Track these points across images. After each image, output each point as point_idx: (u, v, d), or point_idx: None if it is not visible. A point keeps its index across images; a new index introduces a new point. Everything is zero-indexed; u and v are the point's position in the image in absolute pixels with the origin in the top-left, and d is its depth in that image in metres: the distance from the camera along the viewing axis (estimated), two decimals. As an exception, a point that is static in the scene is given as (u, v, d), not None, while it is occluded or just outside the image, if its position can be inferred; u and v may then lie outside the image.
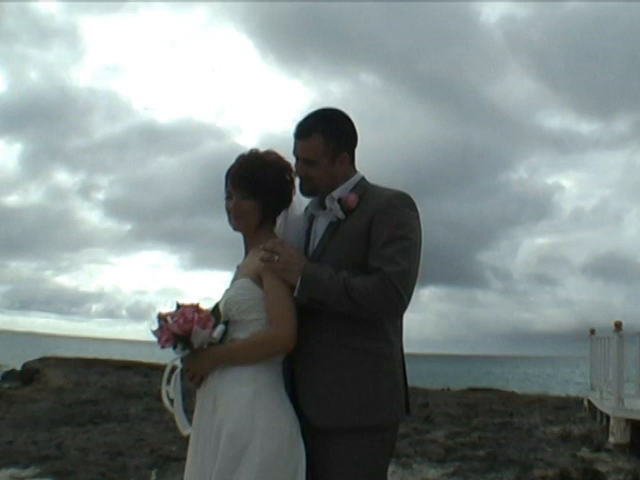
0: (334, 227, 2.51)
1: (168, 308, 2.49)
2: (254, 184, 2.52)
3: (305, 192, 2.59)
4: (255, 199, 2.53)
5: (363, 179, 2.61)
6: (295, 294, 2.39)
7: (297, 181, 2.59)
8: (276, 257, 2.41)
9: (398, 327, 2.55)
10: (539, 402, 17.08)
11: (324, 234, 2.53)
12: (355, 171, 2.62)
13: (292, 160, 2.59)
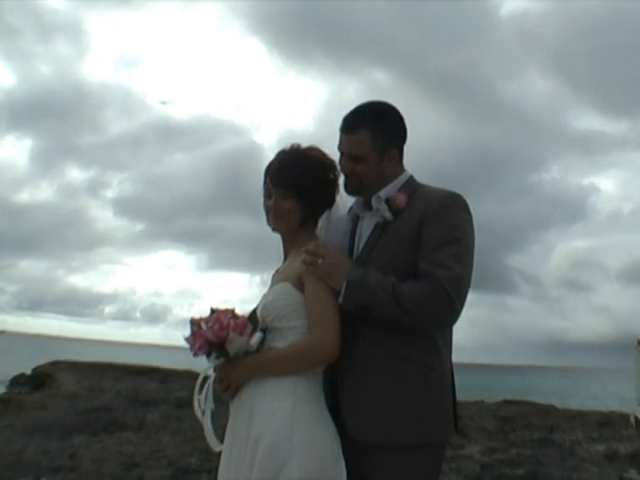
0: (381, 229, 2.47)
1: (186, 311, 2.46)
2: (295, 182, 2.49)
3: (350, 190, 2.56)
4: (296, 198, 2.50)
5: (412, 178, 2.58)
6: (340, 300, 2.36)
7: (341, 179, 2.56)
8: (320, 260, 2.38)
9: (447, 337, 2.52)
10: (580, 417, 16.82)
11: (370, 236, 2.50)
12: (403, 169, 2.58)
13: (336, 157, 2.56)
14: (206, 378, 2.53)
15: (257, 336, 2.41)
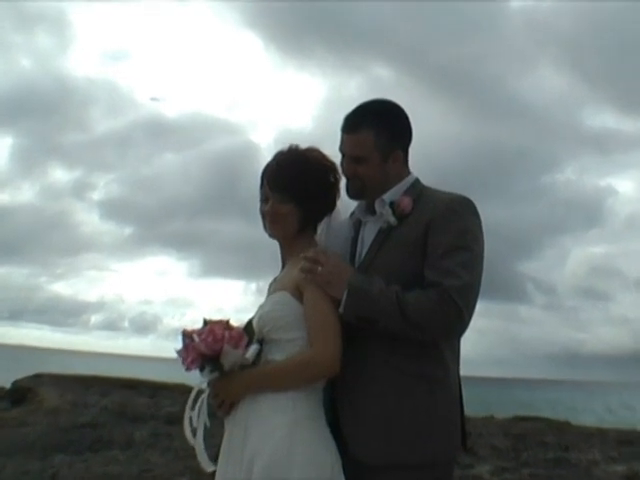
0: (385, 234, 2.48)
1: (177, 320, 2.46)
2: (294, 186, 2.50)
3: (352, 194, 2.56)
4: (294, 202, 2.50)
5: (417, 180, 2.58)
6: (340, 310, 2.36)
7: (343, 182, 2.57)
8: (319, 267, 2.38)
9: (455, 350, 2.53)
10: (598, 435, 16.73)
11: (373, 242, 2.51)
12: (409, 171, 2.59)
13: (337, 158, 2.57)
14: (199, 393, 2.52)
15: (253, 349, 2.42)
